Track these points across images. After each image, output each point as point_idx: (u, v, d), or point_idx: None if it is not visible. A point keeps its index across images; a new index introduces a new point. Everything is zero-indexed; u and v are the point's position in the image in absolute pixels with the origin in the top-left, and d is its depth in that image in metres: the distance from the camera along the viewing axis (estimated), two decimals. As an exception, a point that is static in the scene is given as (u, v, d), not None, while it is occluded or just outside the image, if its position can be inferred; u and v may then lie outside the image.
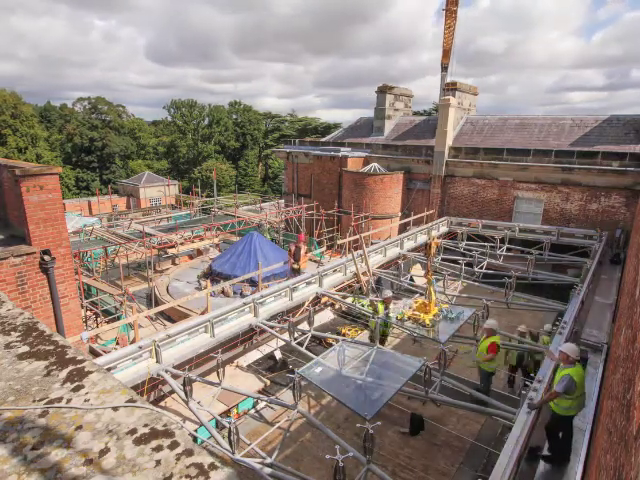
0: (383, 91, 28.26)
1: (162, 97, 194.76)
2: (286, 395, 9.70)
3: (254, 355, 11.95)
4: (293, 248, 16.41)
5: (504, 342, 10.59)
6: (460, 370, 11.41)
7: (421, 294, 13.64)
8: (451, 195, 23.39)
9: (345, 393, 7.52)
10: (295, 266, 15.80)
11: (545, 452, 6.80)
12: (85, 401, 2.46)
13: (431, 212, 22.67)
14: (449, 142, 23.15)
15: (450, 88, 24.98)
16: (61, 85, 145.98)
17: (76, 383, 2.64)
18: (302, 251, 15.98)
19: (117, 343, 12.69)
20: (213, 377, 9.22)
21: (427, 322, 10.30)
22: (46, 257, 8.38)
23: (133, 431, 2.21)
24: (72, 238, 22.18)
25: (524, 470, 6.21)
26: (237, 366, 11.24)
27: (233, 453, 6.67)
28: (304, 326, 11.27)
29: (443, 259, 17.29)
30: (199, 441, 7.85)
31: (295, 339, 10.39)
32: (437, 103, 40.52)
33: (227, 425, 6.63)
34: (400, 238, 17.91)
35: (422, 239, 19.25)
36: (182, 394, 7.93)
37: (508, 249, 18.50)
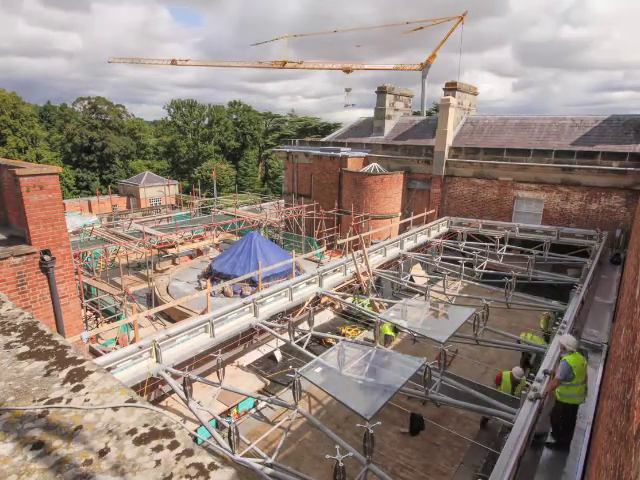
0: (383, 91, 28.26)
1: (194, 96, 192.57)
2: (286, 395, 9.70)
3: (254, 355, 11.95)
4: None
5: (504, 342, 10.58)
6: (460, 370, 11.41)
7: (421, 294, 13.65)
8: (451, 195, 23.38)
9: (345, 393, 7.51)
10: None
11: (549, 439, 6.94)
12: (85, 401, 2.46)
13: (431, 212, 22.66)
14: (449, 142, 23.14)
15: (450, 88, 24.96)
16: (97, 83, 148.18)
17: (76, 383, 2.64)
18: None
19: (117, 343, 12.69)
20: (213, 377, 9.22)
21: None
22: (46, 257, 8.38)
23: (133, 431, 2.21)
24: (72, 238, 22.18)
25: (524, 470, 6.21)
26: (237, 366, 11.24)
27: (233, 453, 6.67)
28: (304, 326, 11.27)
29: (443, 259, 17.28)
30: (199, 441, 7.85)
31: (295, 339, 10.38)
32: (437, 103, 40.50)
33: (227, 425, 6.63)
34: (400, 238, 17.90)
35: (422, 239, 19.26)
36: (182, 394, 7.93)
37: (508, 249, 18.49)
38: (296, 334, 10.52)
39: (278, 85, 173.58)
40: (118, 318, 14.49)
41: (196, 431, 8.20)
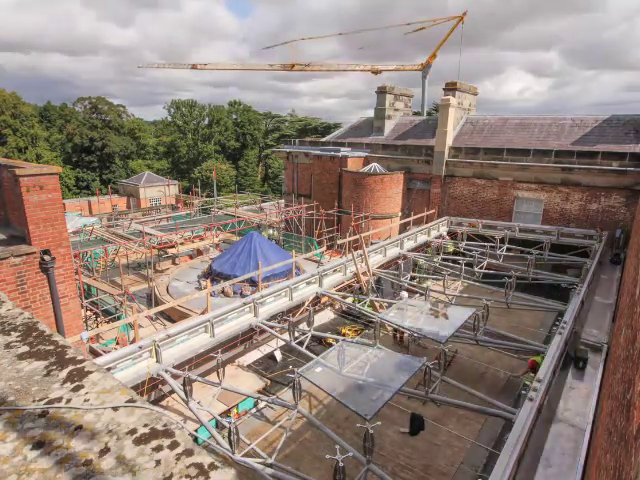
0: (383, 91, 28.26)
1: (220, 95, 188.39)
2: (286, 395, 9.70)
3: (254, 355, 11.95)
4: None
5: (504, 342, 10.58)
6: (460, 370, 11.42)
7: (421, 294, 13.65)
8: (451, 195, 23.38)
9: (345, 393, 7.51)
10: None
11: None
12: (85, 401, 2.46)
13: (431, 212, 22.67)
14: (449, 142, 23.14)
15: (450, 88, 24.95)
16: (123, 83, 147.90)
17: (76, 383, 2.64)
18: None
19: (117, 343, 12.68)
20: (213, 377, 9.22)
21: None
22: (46, 257, 8.38)
23: (133, 431, 2.21)
24: (72, 238, 22.17)
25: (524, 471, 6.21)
26: (237, 366, 11.24)
27: (233, 453, 6.67)
28: (304, 326, 11.27)
29: (443, 259, 17.29)
30: (199, 441, 7.85)
31: (295, 339, 10.38)
32: (437, 103, 40.52)
33: (227, 425, 6.63)
34: (400, 238, 17.91)
35: (422, 239, 19.27)
36: (182, 394, 7.93)
37: (508, 249, 18.49)
38: (296, 334, 10.52)
39: (309, 85, 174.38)
40: (118, 318, 14.50)
41: (196, 431, 8.20)
